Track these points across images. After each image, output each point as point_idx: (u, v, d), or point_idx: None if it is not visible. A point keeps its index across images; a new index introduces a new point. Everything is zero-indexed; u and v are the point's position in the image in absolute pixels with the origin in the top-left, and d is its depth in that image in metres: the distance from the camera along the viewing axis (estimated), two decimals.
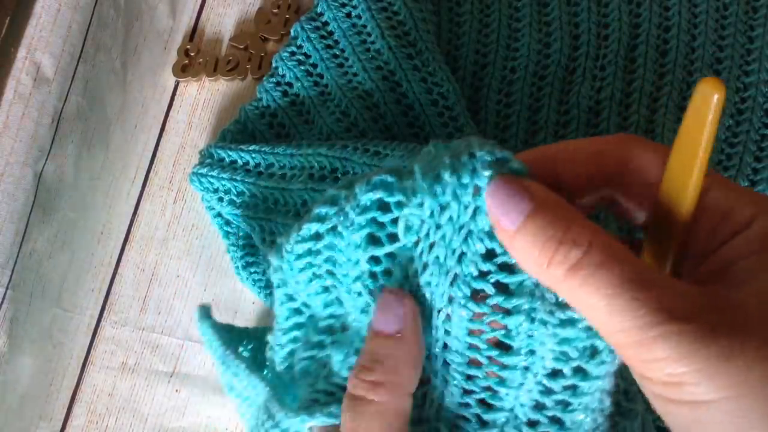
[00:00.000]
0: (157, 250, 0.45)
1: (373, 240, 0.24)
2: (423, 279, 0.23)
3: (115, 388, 0.43)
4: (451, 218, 0.22)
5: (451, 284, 0.23)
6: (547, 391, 0.23)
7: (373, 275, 0.25)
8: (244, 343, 0.34)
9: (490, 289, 0.22)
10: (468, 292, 0.22)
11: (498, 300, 0.22)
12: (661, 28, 0.44)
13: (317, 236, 0.25)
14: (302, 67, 0.43)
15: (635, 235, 0.24)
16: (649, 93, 0.42)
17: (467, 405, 0.24)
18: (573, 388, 0.23)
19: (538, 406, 0.23)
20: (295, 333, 0.29)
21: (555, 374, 0.23)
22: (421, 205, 0.22)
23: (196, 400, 0.42)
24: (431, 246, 0.23)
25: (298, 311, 0.29)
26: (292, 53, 0.44)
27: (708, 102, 0.19)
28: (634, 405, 0.25)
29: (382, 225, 0.24)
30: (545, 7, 0.45)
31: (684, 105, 0.42)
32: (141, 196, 0.46)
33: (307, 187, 0.38)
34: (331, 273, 0.26)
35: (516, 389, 0.23)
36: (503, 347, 0.23)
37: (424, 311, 0.24)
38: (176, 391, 0.42)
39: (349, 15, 0.43)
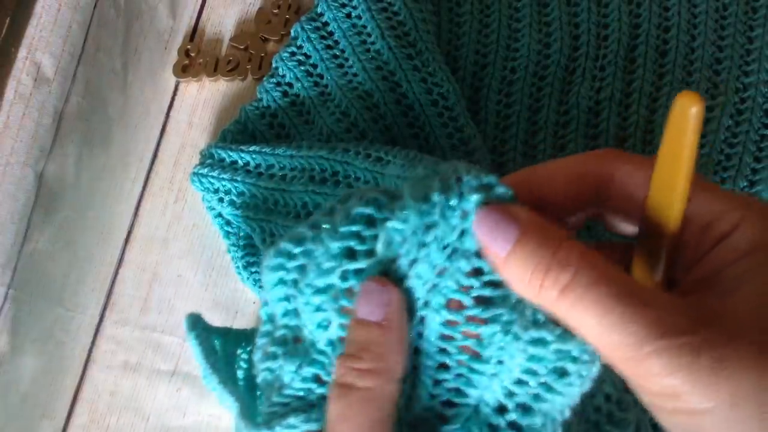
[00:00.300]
0: (158, 250, 0.45)
1: (350, 254, 0.24)
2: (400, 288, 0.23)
3: (117, 387, 0.43)
4: (436, 237, 0.22)
5: (429, 291, 0.23)
6: (510, 395, 0.23)
7: (335, 294, 0.25)
8: (243, 345, 0.34)
9: (468, 302, 0.23)
10: (443, 301, 0.23)
11: (475, 312, 0.23)
12: (660, 28, 0.44)
13: (301, 239, 0.25)
14: (302, 68, 0.43)
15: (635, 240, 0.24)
16: (648, 93, 0.42)
17: (431, 408, 0.24)
18: (535, 396, 0.23)
19: (501, 410, 0.24)
20: (263, 340, 0.29)
21: (521, 383, 0.23)
22: (405, 220, 0.22)
23: (197, 399, 0.42)
24: (412, 262, 0.23)
25: (270, 319, 0.28)
26: (293, 53, 0.44)
27: (687, 116, 0.20)
28: (626, 414, 0.25)
29: (363, 239, 0.24)
30: (545, 7, 0.45)
31: None
32: (142, 196, 0.46)
33: (308, 190, 0.38)
34: (295, 282, 0.26)
35: (481, 390, 0.24)
36: (474, 354, 0.23)
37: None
38: (178, 390, 0.43)
39: (349, 15, 0.43)
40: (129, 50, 0.48)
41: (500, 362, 0.23)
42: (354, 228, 0.24)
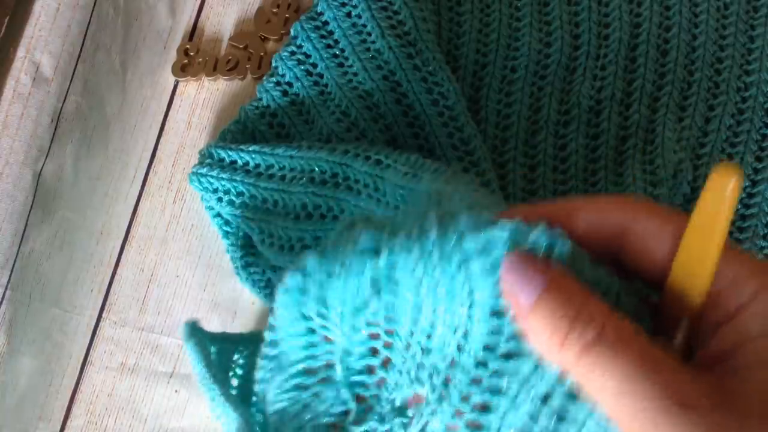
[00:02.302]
0: (156, 250, 0.45)
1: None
2: (430, 295, 0.23)
3: (115, 388, 0.43)
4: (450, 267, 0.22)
5: (470, 306, 0.23)
6: (534, 417, 0.22)
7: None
8: (240, 348, 0.33)
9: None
10: (488, 310, 0.22)
11: None
12: (661, 27, 0.44)
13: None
14: (302, 67, 0.43)
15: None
16: (649, 92, 0.42)
17: (455, 429, 0.24)
18: (561, 416, 0.22)
19: None
20: (268, 365, 0.28)
21: (545, 399, 0.22)
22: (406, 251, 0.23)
23: (195, 400, 0.42)
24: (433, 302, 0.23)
25: (273, 343, 0.28)
26: (292, 53, 0.44)
27: (724, 187, 0.19)
28: None
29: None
30: (546, 6, 0.45)
31: (685, 104, 0.42)
32: (140, 196, 0.46)
33: (308, 191, 0.37)
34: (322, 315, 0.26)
35: (510, 403, 0.23)
36: (512, 357, 0.23)
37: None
38: (176, 391, 0.42)
39: (349, 14, 0.43)
40: (128, 50, 0.48)
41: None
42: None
